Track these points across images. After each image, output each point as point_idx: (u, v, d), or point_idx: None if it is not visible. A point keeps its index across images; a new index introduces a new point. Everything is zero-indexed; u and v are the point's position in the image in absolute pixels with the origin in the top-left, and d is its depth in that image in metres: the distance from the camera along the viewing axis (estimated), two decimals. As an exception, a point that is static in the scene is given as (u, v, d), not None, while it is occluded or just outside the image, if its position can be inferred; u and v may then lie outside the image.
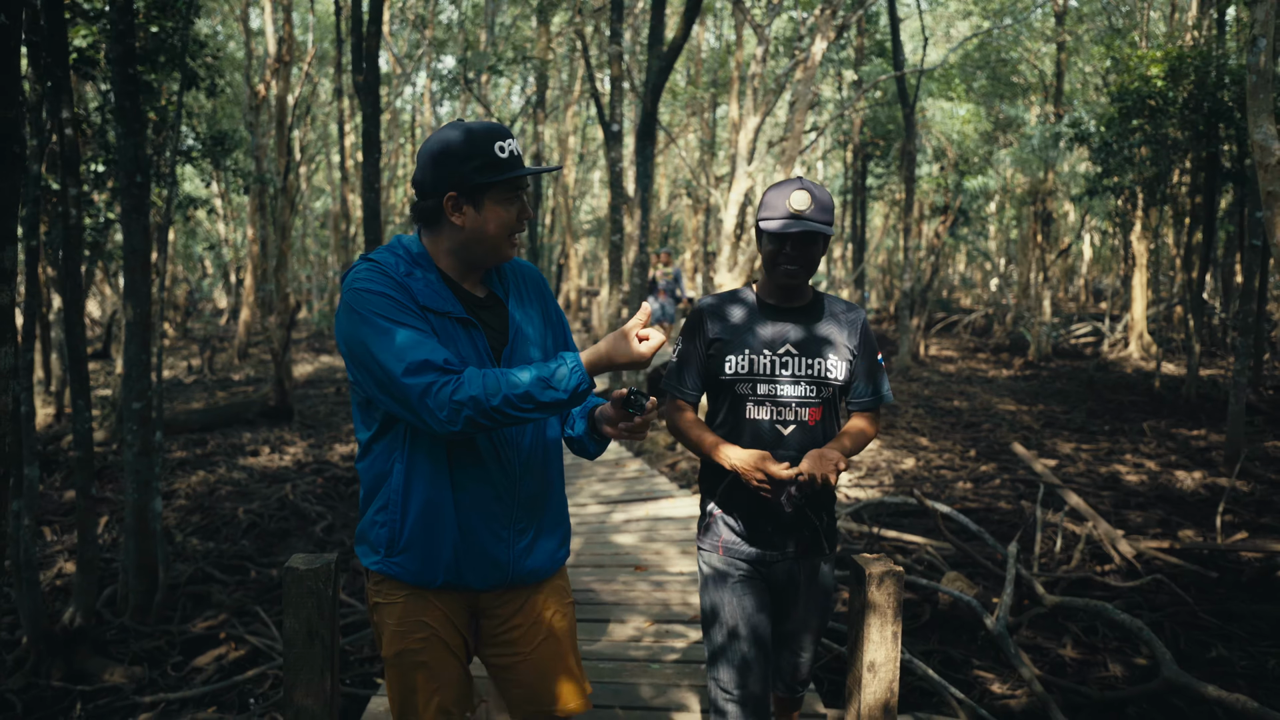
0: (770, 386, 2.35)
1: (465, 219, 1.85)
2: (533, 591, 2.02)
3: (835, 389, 2.39)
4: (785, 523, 2.38)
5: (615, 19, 9.16)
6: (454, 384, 1.70)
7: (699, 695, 3.39)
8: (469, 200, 1.83)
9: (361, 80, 6.63)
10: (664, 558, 5.15)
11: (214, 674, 5.26)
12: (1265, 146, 5.42)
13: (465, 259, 1.91)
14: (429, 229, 1.91)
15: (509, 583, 1.96)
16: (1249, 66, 5.47)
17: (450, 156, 1.81)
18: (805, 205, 2.26)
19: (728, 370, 2.36)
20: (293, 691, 2.04)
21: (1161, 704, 4.60)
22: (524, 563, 1.97)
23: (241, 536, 7.86)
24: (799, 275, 2.32)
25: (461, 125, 1.85)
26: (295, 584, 2.02)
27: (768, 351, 2.36)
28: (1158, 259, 18.82)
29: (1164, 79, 12.37)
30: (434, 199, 1.85)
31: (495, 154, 1.81)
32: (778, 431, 2.35)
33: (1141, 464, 10.25)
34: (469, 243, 1.88)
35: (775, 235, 2.28)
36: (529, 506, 1.97)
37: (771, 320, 2.39)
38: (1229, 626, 5.66)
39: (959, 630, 5.68)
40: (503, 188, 1.85)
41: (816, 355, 2.36)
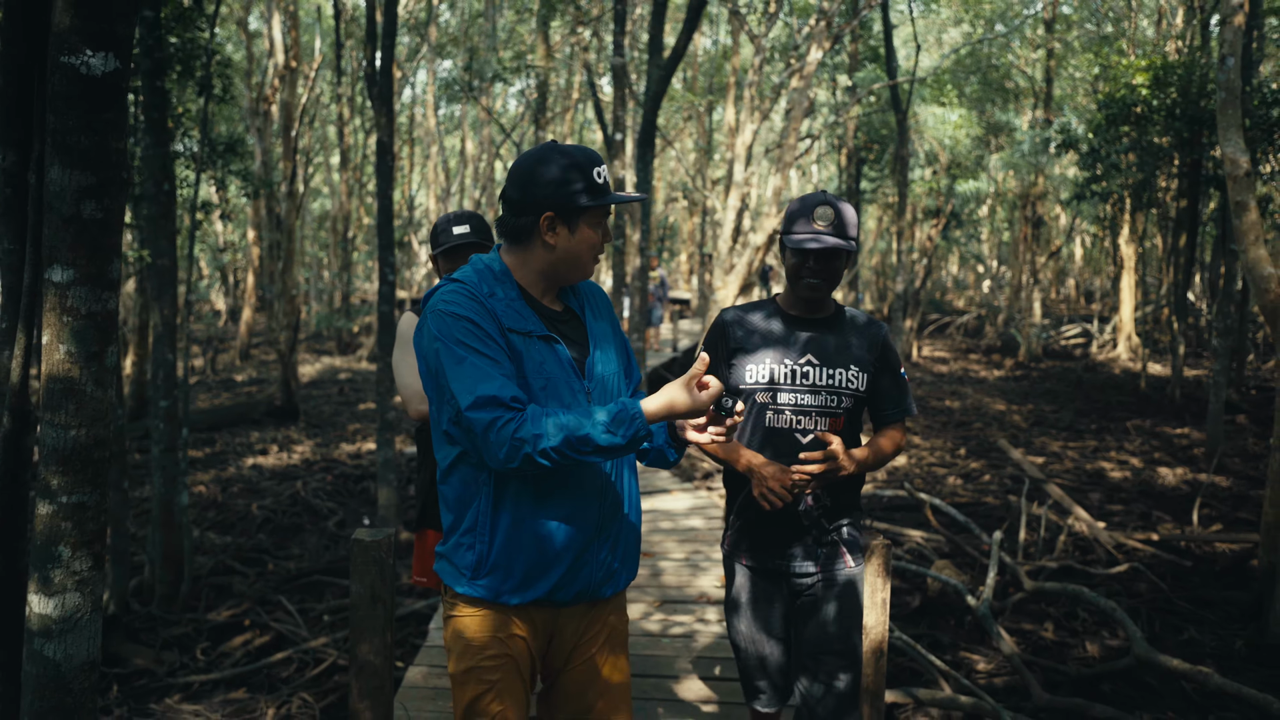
0: (790, 396, 2.36)
1: (559, 239, 1.86)
2: (601, 606, 2.02)
3: (855, 400, 2.39)
4: (799, 530, 2.37)
5: (618, 30, 9.46)
6: (517, 421, 1.72)
7: (704, 665, 3.69)
8: (565, 222, 1.85)
9: (376, 92, 6.91)
10: (665, 546, 5.51)
11: (241, 658, 5.54)
12: (1234, 159, 5.74)
13: (551, 276, 1.93)
14: (516, 245, 1.91)
15: (591, 597, 1.97)
16: (1219, 83, 5.80)
17: (552, 178, 1.83)
18: (828, 221, 2.30)
19: (748, 379, 2.38)
20: (358, 647, 2.33)
21: (1133, 680, 4.92)
22: (610, 577, 1.98)
23: (257, 531, 8.13)
24: (821, 289, 2.35)
25: (560, 148, 1.88)
26: (361, 554, 2.31)
27: (789, 361, 2.37)
28: (1144, 262, 19.17)
29: (1149, 87, 12.71)
30: (530, 217, 1.86)
31: (594, 179, 1.85)
32: (796, 440, 2.35)
33: (1126, 461, 10.59)
34: (559, 261, 1.90)
35: (798, 250, 2.32)
36: (611, 521, 1.96)
37: (793, 330, 2.40)
38: (1202, 612, 5.99)
39: (947, 615, 6.00)
40: (596, 212, 1.88)
41: (837, 366, 2.37)
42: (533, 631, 1.95)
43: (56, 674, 2.18)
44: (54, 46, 2.00)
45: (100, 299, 2.13)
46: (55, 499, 2.14)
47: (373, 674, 2.37)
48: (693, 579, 4.85)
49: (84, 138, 2.02)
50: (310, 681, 5.16)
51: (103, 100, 2.03)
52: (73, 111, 2.01)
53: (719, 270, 11.20)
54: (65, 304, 2.09)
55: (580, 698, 2.00)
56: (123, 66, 2.07)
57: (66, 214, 2.05)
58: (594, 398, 1.93)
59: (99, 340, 2.15)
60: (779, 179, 10.39)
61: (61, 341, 2.11)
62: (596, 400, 1.94)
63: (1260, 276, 5.69)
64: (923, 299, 24.52)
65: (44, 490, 2.14)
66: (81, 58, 1.98)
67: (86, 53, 1.98)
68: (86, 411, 2.15)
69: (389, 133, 6.91)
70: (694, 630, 4.09)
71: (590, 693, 1.99)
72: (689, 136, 29.19)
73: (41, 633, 2.17)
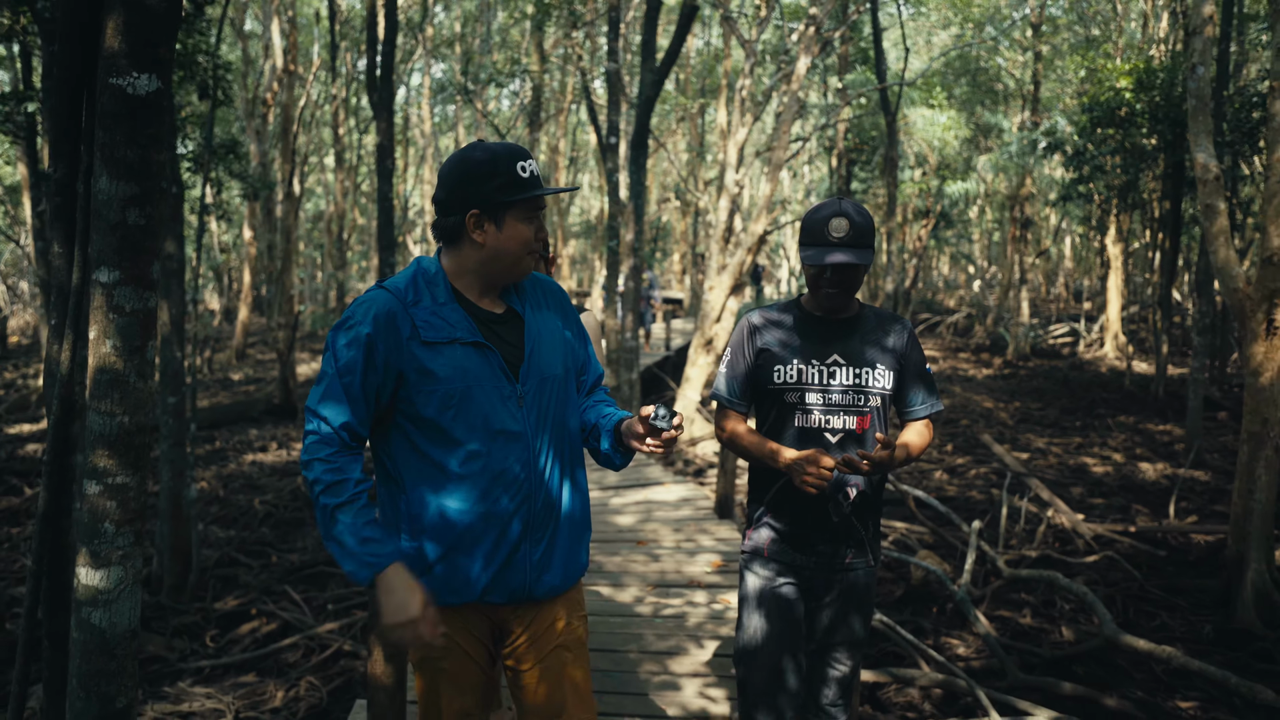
0: (818, 396, 2.35)
1: (487, 236, 1.88)
2: (547, 607, 2.02)
3: (881, 398, 2.38)
4: (832, 531, 2.36)
5: (612, 37, 9.67)
6: (327, 449, 1.82)
7: (693, 643, 3.92)
8: (491, 218, 1.86)
9: (377, 97, 7.10)
10: (659, 535, 5.74)
11: (249, 645, 5.74)
12: (1205, 164, 5.99)
13: (485, 276, 1.93)
14: (449, 247, 1.93)
15: (528, 598, 1.97)
16: (1189, 92, 6.04)
17: (473, 175, 1.85)
18: (844, 232, 2.27)
19: (776, 380, 2.37)
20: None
21: (1104, 662, 5.15)
22: (542, 578, 1.97)
23: (259, 525, 8.32)
24: (839, 299, 2.35)
25: (483, 145, 1.89)
26: (378, 530, 2.52)
27: (815, 362, 2.36)
28: (1129, 262, 19.44)
29: (1133, 90, 12.97)
30: (456, 216, 1.87)
31: (518, 173, 1.86)
32: (826, 440, 2.35)
33: (1108, 456, 10.84)
34: (489, 260, 1.90)
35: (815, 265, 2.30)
36: (542, 523, 1.96)
37: (818, 331, 2.40)
38: (1174, 599, 6.23)
39: (929, 603, 6.23)
40: (524, 206, 1.88)
41: (863, 365, 2.36)
42: (475, 624, 1.98)
43: (102, 640, 2.38)
44: (103, 69, 2.20)
45: (142, 298, 2.33)
46: (102, 480, 2.35)
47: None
48: (683, 565, 5.09)
49: (129, 151, 2.23)
50: (317, 666, 5.36)
51: (147, 117, 2.24)
52: (120, 127, 2.21)
53: (711, 270, 11.42)
54: (111, 302, 2.29)
55: (550, 697, 2.01)
56: (164, 86, 2.28)
57: (113, 220, 2.25)
58: (528, 401, 1.92)
59: (142, 335, 2.35)
60: (769, 186, 10.61)
61: (108, 336, 2.31)
62: (531, 401, 1.93)
63: (1229, 276, 5.94)
64: (913, 299, 24.78)
65: (91, 472, 2.35)
66: (129, 79, 2.18)
67: (133, 74, 2.19)
68: (130, 400, 2.35)
69: (389, 136, 7.11)
70: (685, 612, 4.32)
71: (558, 693, 2.01)
72: (681, 137, 29.41)
73: (89, 602, 2.37)
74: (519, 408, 1.91)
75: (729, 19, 10.52)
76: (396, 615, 1.77)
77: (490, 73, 16.39)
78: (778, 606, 2.36)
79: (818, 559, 2.37)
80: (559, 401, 2.00)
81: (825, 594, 2.40)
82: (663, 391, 15.08)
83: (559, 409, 2.00)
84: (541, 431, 1.95)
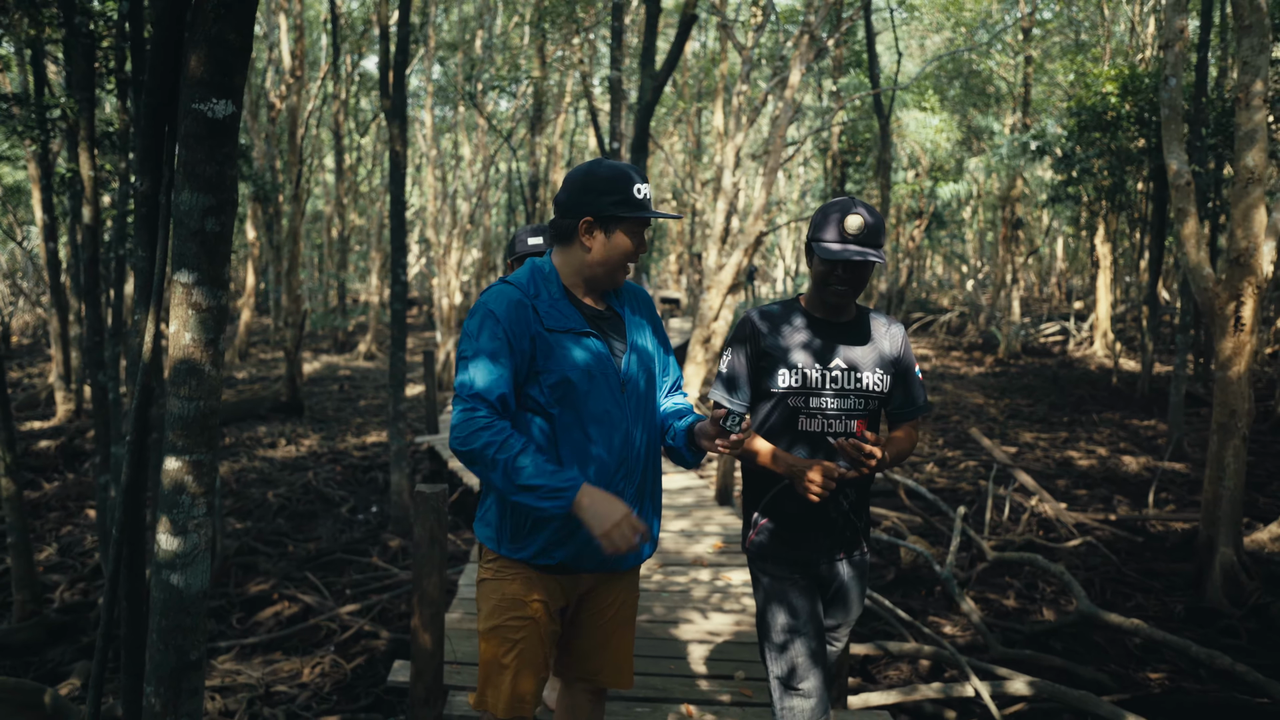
0: (821, 400, 2.38)
1: (594, 243, 2.07)
2: (615, 579, 2.19)
3: (879, 401, 2.44)
4: (829, 526, 2.44)
5: (614, 46, 9.98)
6: (489, 421, 1.96)
7: (699, 615, 4.24)
8: (601, 227, 2.06)
9: (389, 105, 7.41)
10: (664, 519, 6.03)
11: (273, 626, 6.05)
12: (1178, 171, 6.33)
13: (588, 278, 2.12)
14: (561, 246, 2.13)
15: (612, 568, 2.13)
16: (1162, 101, 6.38)
17: (595, 187, 2.05)
18: (859, 229, 2.29)
19: (780, 384, 2.39)
20: (421, 581, 2.85)
21: (1082, 638, 5.49)
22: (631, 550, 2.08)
23: (274, 516, 8.62)
24: (848, 295, 2.36)
25: (609, 163, 2.10)
26: (422, 502, 2.84)
27: (819, 366, 2.38)
28: (1118, 262, 19.81)
29: (1118, 95, 13.33)
30: (572, 220, 2.07)
31: (633, 194, 2.05)
32: (828, 442, 2.39)
33: (1093, 450, 11.20)
34: (593, 264, 2.09)
35: (829, 259, 2.31)
36: (637, 498, 2.13)
37: (820, 335, 2.41)
38: (1149, 581, 6.57)
39: (919, 586, 6.56)
40: (632, 223, 2.08)
41: (864, 370, 2.40)
42: (554, 595, 2.11)
43: (179, 598, 2.69)
44: (186, 96, 2.51)
45: (216, 295, 2.64)
46: (180, 456, 2.65)
47: (431, 604, 2.90)
48: (688, 546, 5.44)
49: (208, 167, 2.54)
50: (339, 645, 5.68)
51: (223, 137, 2.55)
52: (200, 147, 2.52)
53: (709, 270, 11.75)
54: (190, 299, 2.60)
55: (586, 661, 2.19)
56: (237, 110, 2.59)
57: (193, 228, 2.56)
58: (628, 388, 2.12)
59: (215, 328, 2.66)
60: (763, 191, 10.94)
61: (187, 330, 2.62)
62: (631, 390, 2.13)
63: (1200, 275, 6.28)
64: (907, 298, 25.15)
65: (171, 449, 2.65)
66: (209, 104, 2.49)
67: (212, 100, 2.50)
68: (205, 386, 2.66)
69: (402, 142, 7.41)
70: (689, 587, 4.66)
71: (596, 657, 2.18)
72: (679, 139, 29.73)
73: (168, 564, 2.68)
74: (621, 394, 2.10)
75: (725, 26, 10.84)
76: (606, 522, 1.91)
77: (493, 78, 16.69)
78: (796, 602, 2.42)
79: (819, 553, 2.44)
80: (651, 393, 2.20)
81: (831, 583, 2.50)
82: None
83: (650, 400, 2.20)
84: (638, 418, 2.14)
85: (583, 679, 2.22)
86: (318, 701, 4.94)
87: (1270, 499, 8.61)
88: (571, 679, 2.24)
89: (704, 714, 3.24)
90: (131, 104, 6.03)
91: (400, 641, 5.60)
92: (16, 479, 5.56)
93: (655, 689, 3.44)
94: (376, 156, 30.72)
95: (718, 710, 3.28)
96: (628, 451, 2.11)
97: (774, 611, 2.44)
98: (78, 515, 8.57)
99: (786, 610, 2.42)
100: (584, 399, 2.05)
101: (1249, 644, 5.49)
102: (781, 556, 2.44)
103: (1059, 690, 4.04)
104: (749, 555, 2.53)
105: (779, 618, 2.43)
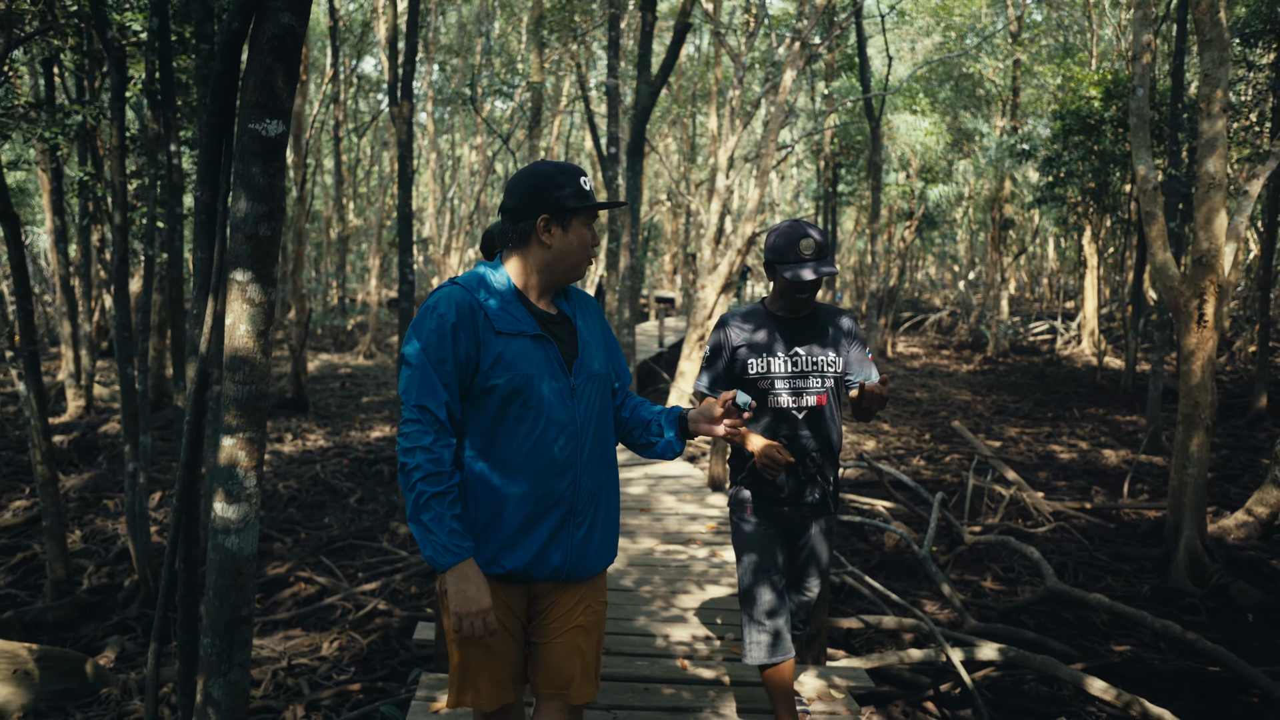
0: (786, 382, 2.86)
1: (554, 239, 2.10)
2: (577, 586, 2.17)
3: (835, 378, 2.90)
4: (802, 484, 2.89)
5: (612, 55, 10.34)
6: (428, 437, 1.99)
7: (696, 586, 4.61)
8: (559, 222, 2.09)
9: (397, 111, 7.75)
10: (664, 502, 6.54)
11: (292, 605, 6.39)
12: (1144, 175, 6.71)
13: (548, 276, 2.14)
14: (516, 249, 2.14)
15: (568, 577, 2.12)
16: (1130, 110, 6.76)
17: (546, 185, 2.09)
18: (811, 250, 2.77)
19: (751, 371, 2.87)
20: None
21: (1052, 615, 5.86)
22: (582, 559, 2.12)
23: (285, 507, 8.96)
24: (808, 304, 2.89)
25: (551, 162, 2.16)
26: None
27: (781, 354, 2.86)
28: (1105, 262, 20.22)
29: (1101, 100, 13.74)
30: (528, 221, 2.09)
31: (582, 186, 2.11)
32: (794, 416, 2.87)
33: (1075, 445, 11.59)
34: (555, 260, 2.12)
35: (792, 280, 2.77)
36: (588, 505, 2.12)
37: (781, 329, 2.89)
38: (1119, 564, 6.95)
39: (901, 569, 6.93)
40: (585, 215, 2.13)
41: (819, 355, 2.87)
42: (512, 598, 2.11)
43: (233, 559, 3.03)
44: (243, 116, 2.86)
45: (267, 292, 2.99)
46: (234, 434, 3.00)
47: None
48: (686, 525, 5.86)
49: (262, 179, 2.89)
50: (355, 623, 6.02)
51: (274, 153, 2.90)
52: (255, 161, 2.87)
53: (703, 270, 12.12)
54: (245, 295, 2.94)
55: (560, 671, 2.16)
56: (286, 129, 2.94)
57: (248, 233, 2.91)
58: (578, 393, 2.12)
59: (265, 321, 3.01)
60: (757, 190, 11.30)
61: (241, 322, 2.96)
62: (580, 394, 2.13)
63: (1166, 275, 6.66)
64: (898, 297, 25.52)
65: (226, 428, 3.00)
66: (263, 125, 2.84)
67: (266, 121, 2.85)
68: (256, 373, 3.01)
69: (409, 148, 7.75)
70: (688, 561, 5.05)
71: (568, 666, 2.15)
72: (673, 140, 30.09)
73: (223, 530, 3.02)
74: (571, 398, 2.10)
75: (719, 34, 11.19)
76: (469, 604, 1.96)
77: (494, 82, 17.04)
78: (766, 548, 2.91)
79: (790, 509, 2.91)
80: (602, 397, 2.19)
81: (799, 536, 2.97)
82: (656, 384, 15.77)
83: (602, 404, 2.19)
84: (588, 422, 2.13)
85: (556, 695, 2.17)
86: (336, 672, 5.29)
87: (1241, 489, 9.01)
88: (547, 696, 2.19)
89: (696, 668, 3.60)
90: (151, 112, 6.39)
91: (412, 619, 5.95)
92: (51, 465, 5.90)
93: (654, 647, 3.80)
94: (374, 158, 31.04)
95: (709, 664, 3.64)
96: (577, 455, 2.11)
97: (746, 555, 2.92)
98: (95, 506, 8.90)
99: (757, 554, 2.90)
100: (531, 402, 2.05)
101: (1208, 620, 5.87)
102: (757, 507, 2.91)
103: (1024, 655, 4.41)
104: (729, 505, 3.00)
105: (749, 560, 2.91)
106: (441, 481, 1.98)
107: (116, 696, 4.85)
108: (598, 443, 2.16)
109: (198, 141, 6.74)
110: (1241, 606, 6.02)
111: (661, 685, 3.43)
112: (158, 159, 5.89)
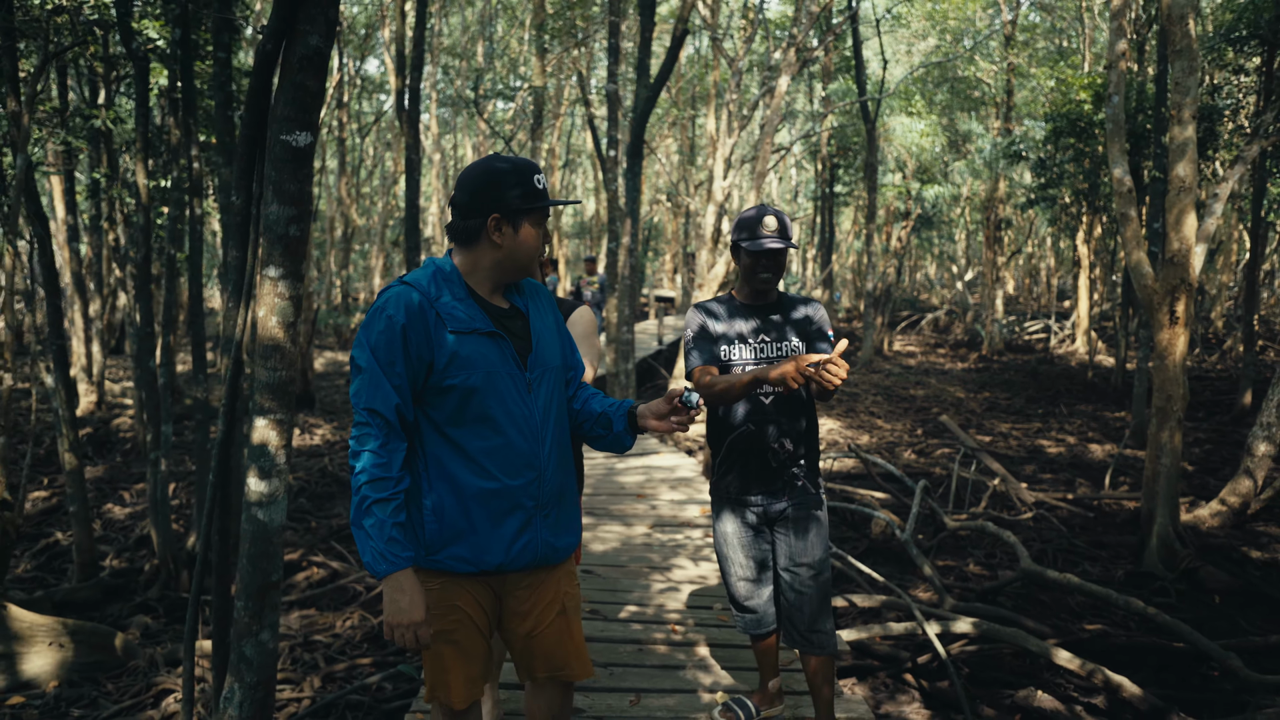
0: (756, 366, 2.97)
1: (504, 238, 2.06)
2: (549, 573, 2.21)
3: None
4: (772, 470, 2.95)
5: (612, 61, 10.64)
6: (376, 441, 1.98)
7: (690, 563, 4.95)
8: (509, 222, 2.06)
9: (406, 115, 8.06)
10: (657, 491, 6.87)
11: (305, 587, 6.71)
12: (1120, 179, 7.01)
13: (497, 275, 2.12)
14: (466, 247, 2.11)
15: (541, 564, 2.16)
16: (1107, 116, 7.06)
17: (496, 183, 2.04)
18: (774, 227, 2.91)
19: (722, 356, 3.00)
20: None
21: (1029, 597, 6.17)
22: (552, 547, 2.16)
23: (297, 497, 9.27)
24: (772, 280, 2.96)
25: (504, 158, 2.10)
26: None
27: (750, 339, 2.99)
28: (1098, 261, 20.52)
29: (1090, 103, 14.03)
30: (478, 219, 2.05)
31: (534, 184, 2.07)
32: (762, 401, 2.98)
33: (1063, 439, 11.89)
34: (505, 259, 2.09)
35: (755, 251, 2.91)
36: (552, 498, 2.15)
37: (748, 317, 3.02)
38: (1097, 551, 7.25)
39: (887, 555, 7.24)
40: (537, 214, 2.10)
41: (785, 338, 2.99)
42: (482, 593, 2.14)
43: (264, 531, 3.34)
44: (274, 128, 3.16)
45: (296, 288, 3.30)
46: (267, 415, 3.30)
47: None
48: (678, 511, 6.19)
49: (292, 185, 3.19)
50: (366, 603, 6.34)
51: (303, 162, 3.20)
52: (286, 169, 3.17)
53: (701, 270, 12.43)
54: (276, 290, 3.25)
55: (555, 654, 2.21)
56: (314, 139, 3.25)
57: (279, 234, 3.21)
58: (534, 386, 2.13)
59: (294, 314, 3.32)
60: (753, 193, 11.61)
61: (273, 315, 3.27)
62: (537, 388, 2.14)
63: (1141, 274, 6.96)
64: (895, 297, 25.82)
65: (259, 410, 3.30)
66: (293, 136, 3.15)
67: (296, 132, 3.15)
68: (286, 360, 3.32)
69: (417, 151, 8.06)
70: (681, 543, 5.39)
71: (560, 651, 2.21)
72: (673, 141, 30.40)
73: (257, 504, 3.33)
74: (528, 393, 2.11)
75: (716, 40, 11.50)
76: (401, 616, 1.97)
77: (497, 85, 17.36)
78: (742, 535, 3.02)
79: (766, 496, 2.97)
80: (558, 389, 2.22)
81: (780, 523, 2.99)
82: (655, 380, 16.08)
83: (559, 396, 2.22)
84: (547, 416, 2.16)
85: (552, 675, 2.24)
86: (350, 648, 5.60)
87: (1221, 482, 9.30)
88: (543, 679, 2.26)
89: (687, 632, 3.92)
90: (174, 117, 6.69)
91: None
92: (79, 454, 6.21)
93: (647, 615, 4.11)
94: (377, 158, 31.37)
95: (699, 630, 3.95)
96: (539, 449, 2.12)
97: (725, 541, 3.06)
98: (111, 496, 9.21)
99: (735, 540, 3.03)
100: (489, 399, 2.05)
101: (1177, 602, 6.18)
102: (734, 496, 3.02)
103: (994, 628, 4.71)
104: (711, 494, 3.13)
105: (727, 546, 3.05)
106: (386, 487, 1.98)
107: (144, 668, 5.17)
108: (556, 434, 2.18)
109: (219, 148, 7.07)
110: (1210, 590, 6.32)
111: (655, 646, 3.74)
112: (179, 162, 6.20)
